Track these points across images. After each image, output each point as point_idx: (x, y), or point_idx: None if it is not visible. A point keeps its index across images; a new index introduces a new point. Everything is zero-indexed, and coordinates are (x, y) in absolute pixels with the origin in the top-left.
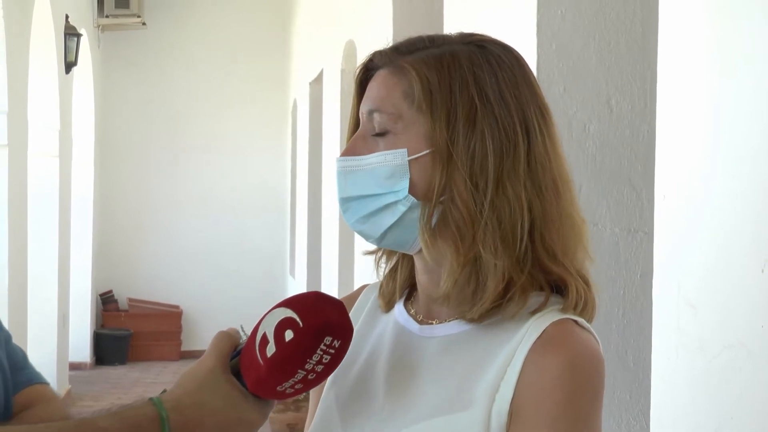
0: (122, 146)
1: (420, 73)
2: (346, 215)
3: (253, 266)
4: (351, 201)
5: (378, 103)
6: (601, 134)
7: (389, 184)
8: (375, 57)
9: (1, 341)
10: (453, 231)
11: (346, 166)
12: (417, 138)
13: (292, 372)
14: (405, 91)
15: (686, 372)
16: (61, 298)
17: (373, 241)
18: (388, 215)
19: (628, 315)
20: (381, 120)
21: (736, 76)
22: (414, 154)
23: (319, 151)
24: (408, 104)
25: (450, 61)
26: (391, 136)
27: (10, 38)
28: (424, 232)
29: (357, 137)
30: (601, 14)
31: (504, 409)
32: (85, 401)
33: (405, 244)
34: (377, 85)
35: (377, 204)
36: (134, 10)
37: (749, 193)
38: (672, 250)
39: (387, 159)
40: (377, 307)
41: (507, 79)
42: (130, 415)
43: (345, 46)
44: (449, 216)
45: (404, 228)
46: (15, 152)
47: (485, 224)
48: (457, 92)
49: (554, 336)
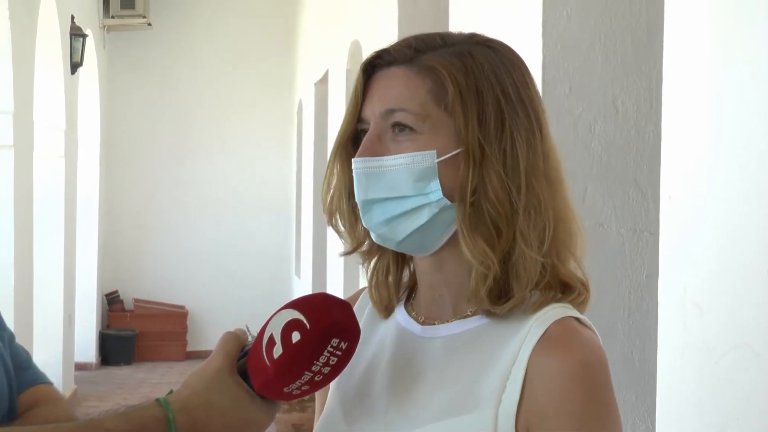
0: (128, 147)
1: (450, 74)
2: (366, 217)
3: (258, 267)
4: (375, 203)
5: (402, 102)
6: (607, 134)
7: (419, 186)
8: (386, 54)
9: (4, 341)
10: (488, 228)
11: (367, 167)
12: (445, 138)
13: (299, 373)
14: (430, 90)
15: (692, 373)
16: (66, 298)
17: (391, 244)
18: (417, 218)
19: (633, 315)
20: (406, 119)
21: (741, 77)
22: (443, 155)
23: (325, 152)
24: (435, 103)
25: (471, 62)
26: (417, 136)
27: (16, 39)
28: (465, 232)
29: (372, 137)
30: (607, 15)
31: (511, 411)
32: (90, 401)
33: (425, 246)
34: (395, 83)
35: (405, 206)
36: (140, 11)
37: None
38: (678, 250)
39: (415, 160)
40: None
41: (518, 80)
42: (137, 416)
43: (350, 47)
44: (483, 214)
45: (430, 230)
46: (21, 153)
47: (522, 219)
48: (484, 93)
49: (558, 335)
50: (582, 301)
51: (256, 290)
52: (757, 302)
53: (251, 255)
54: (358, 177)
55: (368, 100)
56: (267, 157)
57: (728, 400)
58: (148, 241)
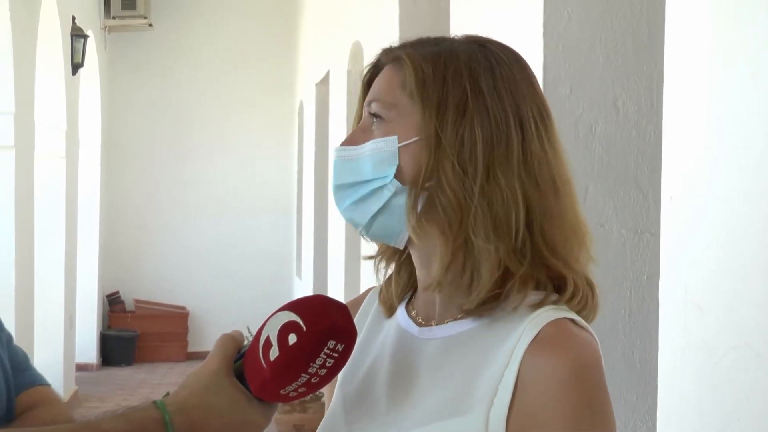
0: (129, 147)
1: (414, 63)
2: (338, 203)
3: (259, 267)
4: (343, 189)
5: (376, 94)
6: (608, 135)
7: (379, 170)
8: (382, 55)
9: (3, 342)
10: (441, 216)
11: (342, 155)
12: (409, 126)
13: (296, 376)
14: (402, 81)
15: (693, 373)
16: (67, 299)
17: (361, 230)
18: (375, 200)
19: (634, 316)
20: (377, 109)
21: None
22: (404, 141)
23: (326, 153)
24: (404, 93)
25: (447, 56)
26: (385, 124)
27: (17, 40)
28: (411, 216)
29: (357, 129)
30: (608, 15)
31: (502, 414)
32: (91, 402)
33: (392, 233)
34: (380, 78)
35: (366, 189)
36: (141, 12)
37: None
38: (678, 251)
39: (378, 146)
40: (382, 310)
41: (504, 76)
42: (135, 417)
43: (351, 48)
44: (437, 201)
45: (390, 214)
46: (22, 153)
47: (475, 210)
48: (450, 82)
49: (551, 337)
50: (580, 302)
51: (257, 291)
52: (758, 302)
53: (252, 256)
54: (335, 165)
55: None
56: (268, 158)
57: (729, 400)
58: (149, 241)
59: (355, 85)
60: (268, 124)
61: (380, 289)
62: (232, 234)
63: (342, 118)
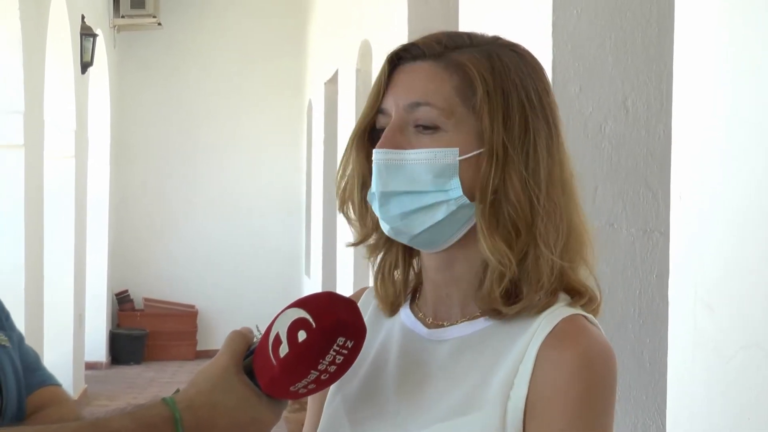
0: (138, 147)
1: (479, 72)
2: (383, 209)
3: (268, 266)
4: (394, 196)
5: (427, 96)
6: (617, 134)
7: (439, 182)
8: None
9: (14, 342)
10: (507, 229)
11: (389, 158)
12: (468, 136)
13: (305, 372)
14: (457, 87)
15: (702, 372)
16: (77, 298)
17: (404, 238)
18: (434, 214)
19: (644, 315)
20: (430, 114)
21: (751, 76)
22: (465, 154)
23: (335, 152)
24: (460, 101)
25: (499, 64)
26: (441, 132)
27: (26, 38)
28: (488, 236)
29: (394, 129)
30: (617, 14)
31: (519, 406)
32: (100, 400)
33: (437, 242)
34: (422, 77)
35: (423, 201)
36: (150, 11)
37: (765, 192)
38: (688, 250)
39: (437, 156)
40: (380, 310)
41: (540, 87)
42: (144, 415)
43: (360, 47)
44: (503, 214)
45: (445, 227)
46: (31, 153)
47: (541, 220)
48: (510, 95)
49: (566, 331)
50: (592, 307)
51: (266, 290)
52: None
53: (261, 254)
54: (378, 168)
55: (391, 92)
56: (276, 157)
57: (739, 399)
58: (158, 240)
59: (364, 84)
60: (276, 123)
61: (375, 288)
62: (241, 233)
63: (351, 117)
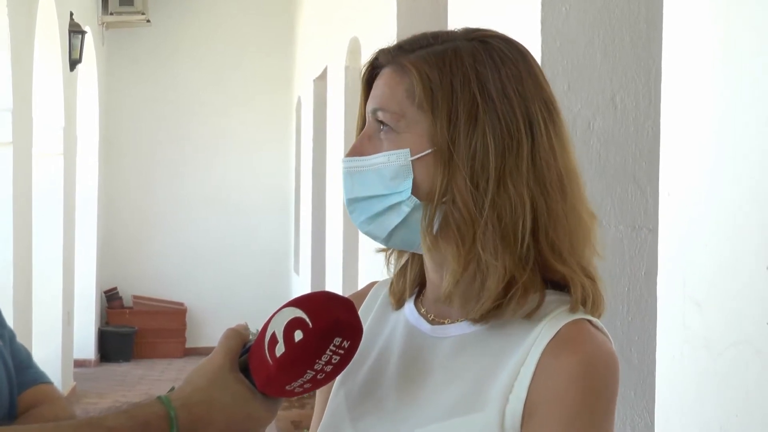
0: (127, 144)
1: (421, 72)
2: (352, 216)
3: (257, 264)
4: (357, 202)
5: (381, 102)
6: (606, 131)
7: (394, 184)
8: (380, 55)
9: (5, 340)
10: (454, 232)
11: (351, 166)
12: (420, 137)
13: (302, 372)
14: (407, 89)
15: (691, 369)
16: (65, 295)
17: (380, 242)
18: (393, 216)
19: (632, 312)
20: (384, 119)
21: (740, 73)
22: (416, 154)
23: (324, 149)
24: (410, 103)
25: (452, 59)
26: (395, 135)
27: (15, 36)
28: (425, 235)
29: (363, 137)
30: (606, 11)
31: (518, 409)
32: (89, 398)
33: (412, 244)
34: (381, 83)
35: (382, 205)
36: (139, 8)
37: (755, 190)
38: (677, 247)
39: (390, 159)
40: (387, 304)
41: (510, 75)
42: (139, 413)
43: (349, 44)
44: (450, 217)
45: (410, 228)
46: (20, 150)
47: (485, 225)
48: (459, 90)
49: (569, 336)
50: (592, 303)
51: (255, 287)
52: (757, 299)
53: (250, 252)
54: (344, 177)
55: (368, 101)
56: (266, 154)
57: (728, 396)
58: (148, 237)
59: (353, 81)
60: (265, 120)
61: (391, 281)
62: (230, 230)
63: (340, 114)
